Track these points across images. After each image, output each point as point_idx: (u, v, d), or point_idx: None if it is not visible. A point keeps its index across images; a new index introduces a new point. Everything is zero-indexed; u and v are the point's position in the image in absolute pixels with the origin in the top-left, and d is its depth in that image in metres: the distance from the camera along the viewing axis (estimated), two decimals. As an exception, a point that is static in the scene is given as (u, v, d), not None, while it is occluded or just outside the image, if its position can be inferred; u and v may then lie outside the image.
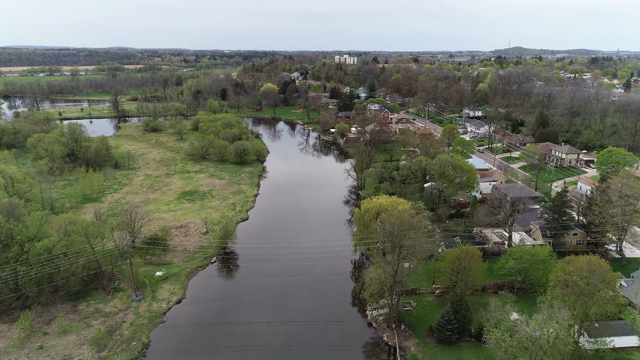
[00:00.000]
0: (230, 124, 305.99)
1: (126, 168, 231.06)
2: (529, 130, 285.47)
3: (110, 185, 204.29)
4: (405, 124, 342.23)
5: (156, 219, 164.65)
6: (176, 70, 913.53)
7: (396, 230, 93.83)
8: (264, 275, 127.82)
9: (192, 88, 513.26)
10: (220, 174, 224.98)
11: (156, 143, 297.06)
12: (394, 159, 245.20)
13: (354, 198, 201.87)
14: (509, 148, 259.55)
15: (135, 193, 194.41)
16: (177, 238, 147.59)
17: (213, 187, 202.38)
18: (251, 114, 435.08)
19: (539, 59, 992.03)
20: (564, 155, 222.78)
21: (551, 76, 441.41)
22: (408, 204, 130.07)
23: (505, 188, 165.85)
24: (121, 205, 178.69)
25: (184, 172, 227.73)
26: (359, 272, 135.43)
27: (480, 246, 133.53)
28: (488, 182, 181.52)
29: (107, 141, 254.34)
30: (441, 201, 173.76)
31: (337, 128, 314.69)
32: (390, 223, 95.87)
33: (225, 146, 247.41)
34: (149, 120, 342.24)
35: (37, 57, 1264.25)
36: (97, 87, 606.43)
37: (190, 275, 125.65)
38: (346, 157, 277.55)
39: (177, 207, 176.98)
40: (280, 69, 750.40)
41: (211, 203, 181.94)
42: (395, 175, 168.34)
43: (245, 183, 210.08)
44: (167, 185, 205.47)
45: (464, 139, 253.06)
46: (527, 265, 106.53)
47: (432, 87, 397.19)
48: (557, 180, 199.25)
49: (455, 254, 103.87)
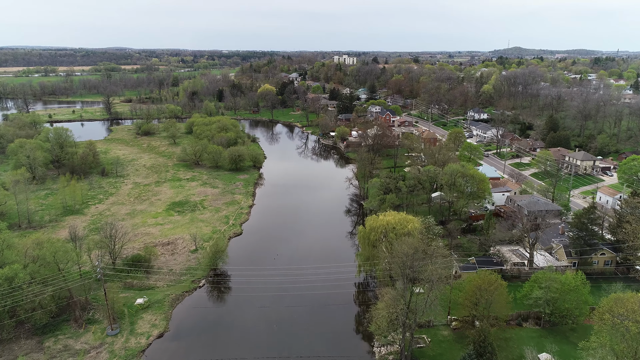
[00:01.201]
0: (225, 127, 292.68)
1: (114, 175, 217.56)
2: (537, 134, 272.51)
3: (95, 195, 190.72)
4: (408, 127, 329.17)
5: (142, 234, 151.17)
6: (173, 70, 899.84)
7: (409, 262, 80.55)
8: (259, 301, 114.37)
9: (188, 89, 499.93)
10: (214, 181, 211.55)
11: (148, 148, 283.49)
12: (398, 165, 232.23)
13: (355, 207, 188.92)
14: (518, 153, 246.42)
15: (121, 204, 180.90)
16: (162, 257, 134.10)
17: (205, 197, 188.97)
18: (248, 116, 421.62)
19: (540, 59, 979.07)
20: (579, 162, 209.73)
21: (557, 77, 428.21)
22: (418, 221, 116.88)
23: (521, 200, 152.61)
24: (105, 217, 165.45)
25: (175, 179, 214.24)
26: (363, 295, 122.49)
27: (498, 267, 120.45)
28: (501, 193, 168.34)
29: (94, 146, 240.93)
30: (451, 213, 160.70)
31: (337, 132, 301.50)
32: (402, 254, 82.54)
33: (219, 152, 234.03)
34: (141, 124, 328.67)
35: (33, 57, 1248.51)
36: (91, 88, 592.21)
37: (175, 303, 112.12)
38: (347, 162, 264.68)
39: (166, 220, 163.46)
40: (279, 70, 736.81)
41: (202, 215, 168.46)
42: (402, 186, 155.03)
43: (240, 192, 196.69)
44: (157, 195, 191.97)
45: (472, 144, 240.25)
46: (556, 295, 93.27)
47: (435, 89, 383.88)
48: (573, 189, 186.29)
49: (475, 283, 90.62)
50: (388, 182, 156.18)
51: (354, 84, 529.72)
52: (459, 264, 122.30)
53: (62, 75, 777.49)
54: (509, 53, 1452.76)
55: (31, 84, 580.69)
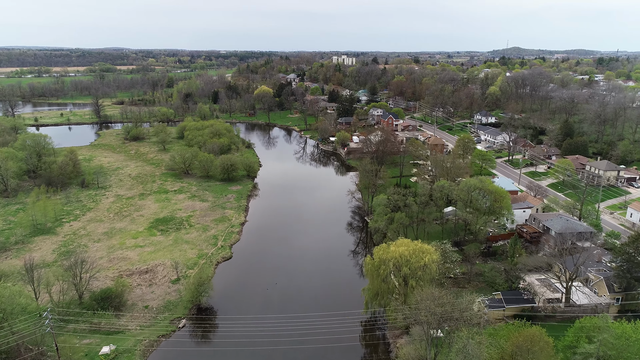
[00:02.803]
0: (218, 132, 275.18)
1: (95, 187, 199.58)
2: (551, 140, 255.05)
3: (71, 210, 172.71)
4: (412, 132, 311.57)
5: (118, 258, 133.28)
6: (169, 71, 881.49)
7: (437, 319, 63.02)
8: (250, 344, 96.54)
9: (182, 91, 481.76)
10: (203, 194, 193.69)
11: (136, 154, 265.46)
12: (404, 175, 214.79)
13: (358, 222, 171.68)
14: (532, 161, 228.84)
15: (99, 221, 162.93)
16: (138, 289, 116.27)
17: (193, 213, 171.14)
18: (244, 119, 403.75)
19: (542, 59, 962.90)
20: (602, 172, 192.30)
21: (566, 79, 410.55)
22: (436, 252, 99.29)
23: (547, 220, 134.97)
24: (79, 238, 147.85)
25: (162, 191, 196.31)
26: (370, 335, 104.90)
27: (529, 305, 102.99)
28: (522, 210, 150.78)
29: (75, 155, 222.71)
30: (466, 232, 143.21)
31: (337, 137, 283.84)
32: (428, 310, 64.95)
33: (210, 160, 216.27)
34: (129, 128, 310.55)
35: (28, 57, 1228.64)
36: (83, 89, 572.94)
37: (148, 352, 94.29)
38: (348, 169, 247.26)
39: (147, 242, 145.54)
40: (276, 71, 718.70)
41: (188, 235, 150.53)
42: (412, 204, 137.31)
43: (232, 206, 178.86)
44: (140, 210, 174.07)
45: (483, 152, 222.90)
46: (613, 352, 75.75)
47: (439, 91, 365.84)
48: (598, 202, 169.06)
49: (514, 341, 73.01)
50: (396, 198, 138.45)
51: (353, 86, 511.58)
52: (482, 300, 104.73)
53: (55, 76, 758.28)
54: (508, 53, 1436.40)
55: (20, 85, 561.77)
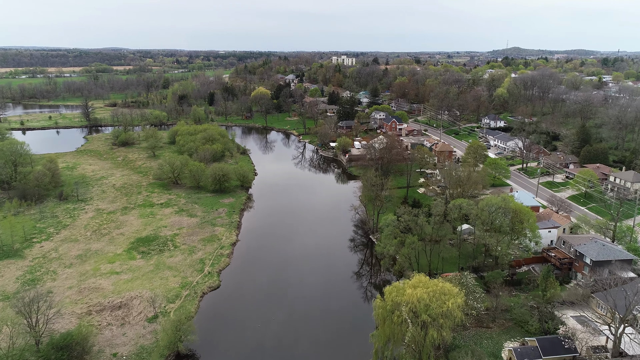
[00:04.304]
0: (212, 138, 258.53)
1: (74, 200, 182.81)
2: (566, 147, 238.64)
3: (44, 227, 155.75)
4: (417, 137, 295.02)
5: (88, 289, 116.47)
6: (167, 71, 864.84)
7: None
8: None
9: (177, 92, 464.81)
10: (192, 208, 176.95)
11: (123, 162, 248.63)
12: (411, 185, 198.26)
13: (361, 238, 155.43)
14: (548, 170, 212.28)
15: (74, 240, 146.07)
16: (108, 331, 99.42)
17: (179, 230, 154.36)
18: (240, 122, 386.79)
19: (545, 59, 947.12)
20: (628, 184, 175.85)
21: (575, 80, 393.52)
22: (461, 295, 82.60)
23: (580, 245, 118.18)
24: (49, 262, 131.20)
25: (147, 205, 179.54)
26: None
27: (571, 355, 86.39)
28: (547, 230, 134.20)
29: (55, 163, 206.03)
30: (486, 256, 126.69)
31: (338, 142, 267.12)
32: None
33: (201, 170, 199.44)
34: (118, 133, 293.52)
35: (23, 58, 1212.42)
36: (75, 90, 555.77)
37: (110, 418, 77.65)
38: (349, 178, 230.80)
39: (124, 267, 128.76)
40: (275, 71, 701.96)
41: (172, 259, 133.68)
42: (425, 226, 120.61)
43: (222, 223, 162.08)
44: (120, 227, 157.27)
45: (497, 160, 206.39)
46: None
47: (444, 93, 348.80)
48: (626, 219, 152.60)
49: None
50: (407, 219, 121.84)
51: (354, 87, 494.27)
52: (513, 348, 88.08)
53: (49, 76, 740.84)
54: (508, 53, 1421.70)
55: (10, 86, 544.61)
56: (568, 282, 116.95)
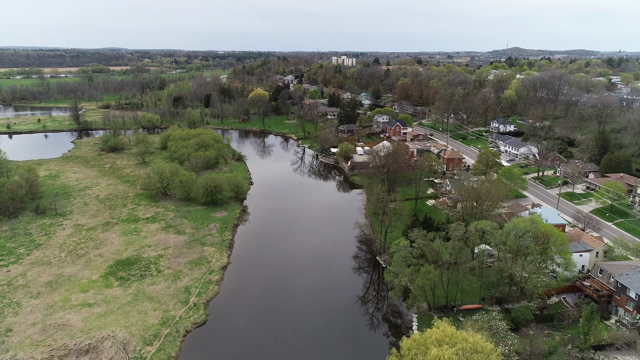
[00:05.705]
0: (205, 143, 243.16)
1: (52, 214, 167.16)
2: (583, 154, 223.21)
3: (14, 248, 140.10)
4: (422, 142, 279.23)
5: (54, 326, 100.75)
6: (164, 72, 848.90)
7: None
8: None
9: (172, 94, 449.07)
10: (181, 223, 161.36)
11: (110, 169, 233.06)
12: (420, 197, 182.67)
13: (365, 254, 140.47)
14: (566, 179, 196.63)
15: (45, 264, 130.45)
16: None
17: (164, 251, 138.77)
18: (237, 125, 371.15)
19: (548, 60, 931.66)
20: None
21: (586, 81, 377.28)
22: (497, 352, 67.05)
23: (620, 274, 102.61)
24: (14, 290, 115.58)
25: (132, 220, 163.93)
26: None
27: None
28: (578, 253, 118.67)
29: (34, 173, 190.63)
30: (511, 285, 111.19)
31: (339, 149, 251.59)
32: None
33: (191, 180, 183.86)
34: (107, 138, 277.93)
35: (20, 58, 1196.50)
36: (68, 92, 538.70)
37: None
38: (352, 187, 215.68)
39: (98, 297, 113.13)
40: (273, 72, 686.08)
41: (153, 287, 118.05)
42: (444, 253, 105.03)
43: (213, 241, 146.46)
44: (100, 247, 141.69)
45: (512, 169, 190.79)
46: None
47: (450, 95, 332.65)
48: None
49: None
50: (422, 243, 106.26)
51: (355, 88, 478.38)
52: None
53: (44, 77, 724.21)
54: (508, 53, 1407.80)
55: (1, 87, 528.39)
56: (608, 319, 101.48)
